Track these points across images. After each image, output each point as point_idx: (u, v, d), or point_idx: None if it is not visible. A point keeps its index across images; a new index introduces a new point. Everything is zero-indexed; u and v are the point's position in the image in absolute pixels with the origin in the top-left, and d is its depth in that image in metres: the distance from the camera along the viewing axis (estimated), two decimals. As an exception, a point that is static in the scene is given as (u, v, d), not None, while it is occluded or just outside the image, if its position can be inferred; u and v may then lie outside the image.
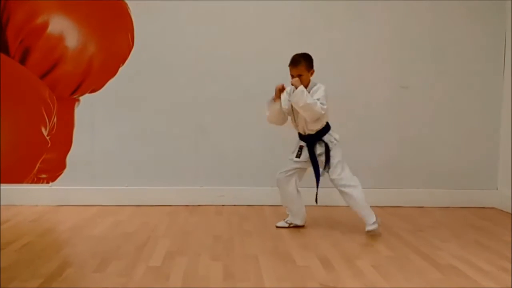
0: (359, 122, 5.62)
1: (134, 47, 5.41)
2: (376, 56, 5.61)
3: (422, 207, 5.61)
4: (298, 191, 4.59)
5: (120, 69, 5.41)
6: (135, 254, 3.75)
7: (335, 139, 4.47)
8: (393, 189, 5.63)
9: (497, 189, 5.70)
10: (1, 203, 5.28)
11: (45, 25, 5.26)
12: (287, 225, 4.63)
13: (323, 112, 4.29)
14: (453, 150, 5.70)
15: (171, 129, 5.50)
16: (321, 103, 4.27)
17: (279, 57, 5.45)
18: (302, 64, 4.39)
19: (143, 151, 5.50)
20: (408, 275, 3.40)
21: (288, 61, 4.40)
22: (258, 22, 5.53)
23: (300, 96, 4.24)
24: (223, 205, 5.51)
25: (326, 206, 5.27)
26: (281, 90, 4.43)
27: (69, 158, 5.44)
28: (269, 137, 5.46)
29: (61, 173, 5.45)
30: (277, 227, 4.63)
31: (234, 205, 5.50)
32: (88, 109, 5.43)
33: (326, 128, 4.48)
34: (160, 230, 4.49)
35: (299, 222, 4.64)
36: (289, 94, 4.45)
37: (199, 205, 5.48)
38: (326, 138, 4.45)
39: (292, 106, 4.44)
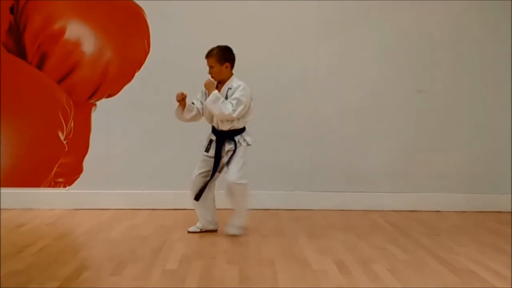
0: (374, 126, 5.59)
1: (150, 52, 5.45)
2: (392, 60, 5.59)
3: (439, 211, 5.57)
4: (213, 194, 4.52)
5: (136, 74, 5.45)
6: (151, 258, 3.76)
7: (245, 140, 4.36)
8: (410, 194, 5.60)
9: (513, 193, 5.67)
10: (18, 207, 5.35)
11: (62, 31, 5.33)
12: (198, 230, 4.54)
13: (234, 116, 4.18)
14: (469, 154, 5.66)
15: (187, 133, 5.50)
16: (233, 109, 4.16)
17: (296, 60, 5.49)
18: (213, 55, 4.26)
19: (159, 155, 5.53)
20: (425, 279, 3.37)
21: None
22: (276, 26, 5.53)
23: (211, 103, 4.18)
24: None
25: (342, 210, 5.25)
26: (181, 98, 4.30)
27: (86, 162, 5.49)
28: (284, 143, 5.47)
29: (78, 177, 5.49)
30: (189, 232, 4.52)
31: (250, 209, 5.47)
32: (104, 113, 5.48)
33: (241, 129, 4.36)
34: (176, 233, 4.50)
35: (212, 227, 4.56)
36: (205, 94, 4.35)
37: (214, 209, 5.48)
38: (237, 137, 4.34)
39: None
